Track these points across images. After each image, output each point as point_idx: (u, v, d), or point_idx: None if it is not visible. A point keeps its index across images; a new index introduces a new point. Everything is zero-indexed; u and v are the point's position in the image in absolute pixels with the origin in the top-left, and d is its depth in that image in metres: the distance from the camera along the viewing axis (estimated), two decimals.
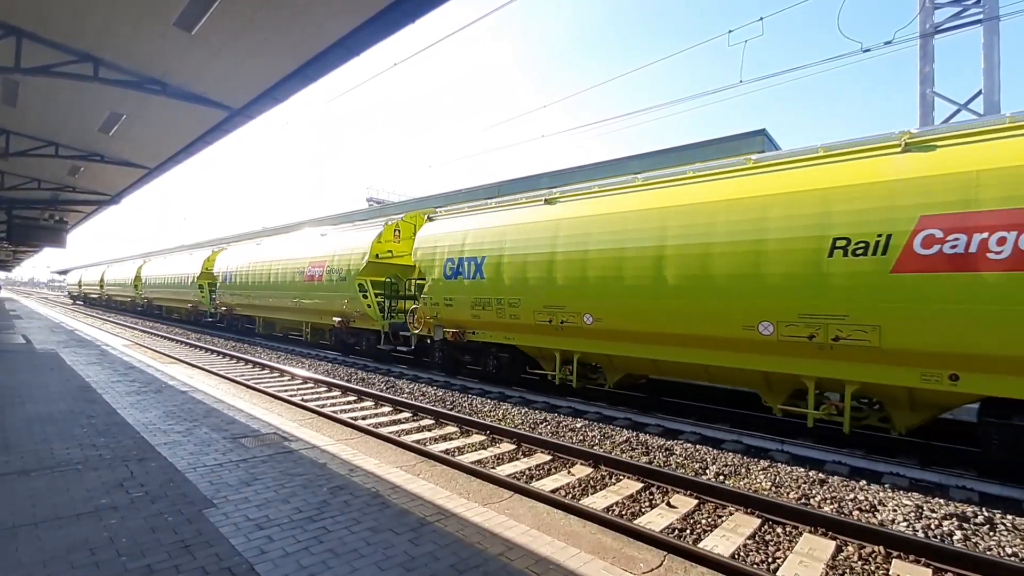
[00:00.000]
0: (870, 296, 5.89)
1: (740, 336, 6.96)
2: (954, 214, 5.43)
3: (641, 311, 8.02)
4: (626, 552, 3.29)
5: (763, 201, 6.88)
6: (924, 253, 5.56)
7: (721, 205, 7.30)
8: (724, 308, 7.07)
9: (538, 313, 9.50)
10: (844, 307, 6.08)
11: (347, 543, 3.23)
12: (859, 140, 6.54)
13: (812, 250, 6.32)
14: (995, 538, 4.32)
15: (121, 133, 8.88)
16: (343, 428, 6.44)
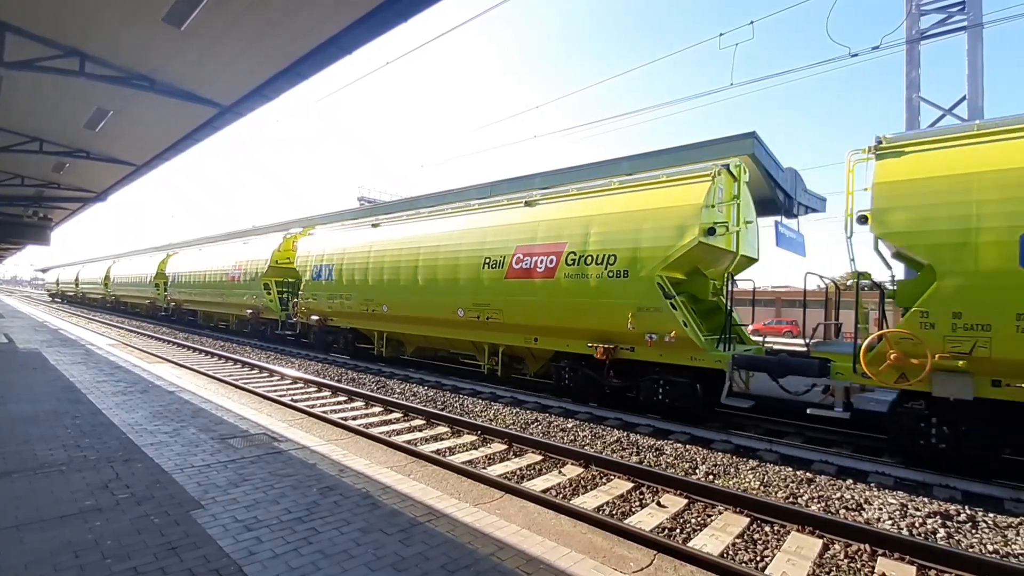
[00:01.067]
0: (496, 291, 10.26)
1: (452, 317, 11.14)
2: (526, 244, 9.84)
3: (408, 302, 12.34)
4: (616, 551, 3.30)
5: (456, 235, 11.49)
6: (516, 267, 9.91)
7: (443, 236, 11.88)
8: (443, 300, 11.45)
9: (361, 304, 13.67)
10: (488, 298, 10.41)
11: (337, 544, 3.22)
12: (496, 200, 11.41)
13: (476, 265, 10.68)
14: (977, 535, 4.40)
15: (107, 130, 8.74)
16: (333, 428, 6.40)
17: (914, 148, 6.45)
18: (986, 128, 6.11)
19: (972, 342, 5.62)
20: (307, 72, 5.98)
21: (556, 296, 9.30)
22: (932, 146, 6.34)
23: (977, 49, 10.21)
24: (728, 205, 8.58)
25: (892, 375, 6.15)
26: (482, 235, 10.94)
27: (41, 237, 18.06)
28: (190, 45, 5.70)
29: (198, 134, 8.71)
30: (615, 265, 8.57)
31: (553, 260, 9.40)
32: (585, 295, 8.90)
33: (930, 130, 6.92)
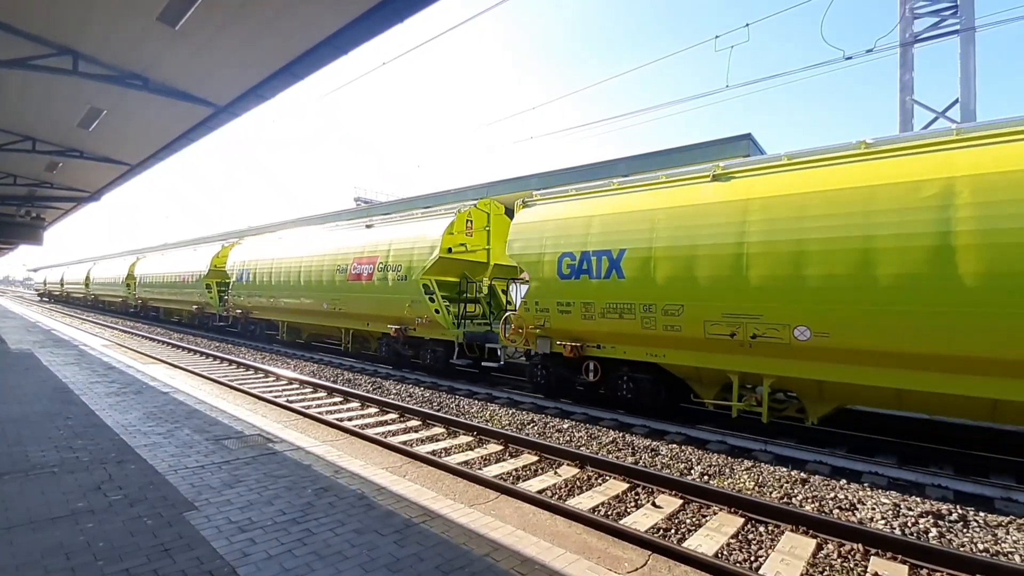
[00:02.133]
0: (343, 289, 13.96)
1: (320, 309, 15.30)
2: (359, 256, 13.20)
3: (295, 297, 15.67)
4: (611, 552, 3.31)
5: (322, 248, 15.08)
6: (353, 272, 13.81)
7: (315, 248, 16.06)
8: (316, 296, 15.67)
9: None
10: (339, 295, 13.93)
11: (332, 545, 3.21)
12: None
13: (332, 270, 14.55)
14: (968, 535, 4.43)
15: (101, 129, 8.68)
16: (328, 429, 6.39)
17: (539, 201, 10.23)
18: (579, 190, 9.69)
19: (543, 319, 9.35)
20: (303, 72, 5.95)
21: (373, 293, 13.18)
22: (544, 201, 10.15)
23: (969, 52, 10.28)
24: (479, 232, 12.79)
25: (519, 339, 10.02)
26: (337, 248, 15.01)
27: (34, 237, 17.93)
28: (184, 44, 5.66)
29: (193, 134, 8.65)
30: (401, 271, 12.41)
31: (371, 267, 13.34)
32: (386, 292, 12.73)
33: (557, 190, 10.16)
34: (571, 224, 9.14)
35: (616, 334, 8.42)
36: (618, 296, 8.22)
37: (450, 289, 12.61)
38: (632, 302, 8.06)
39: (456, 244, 12.17)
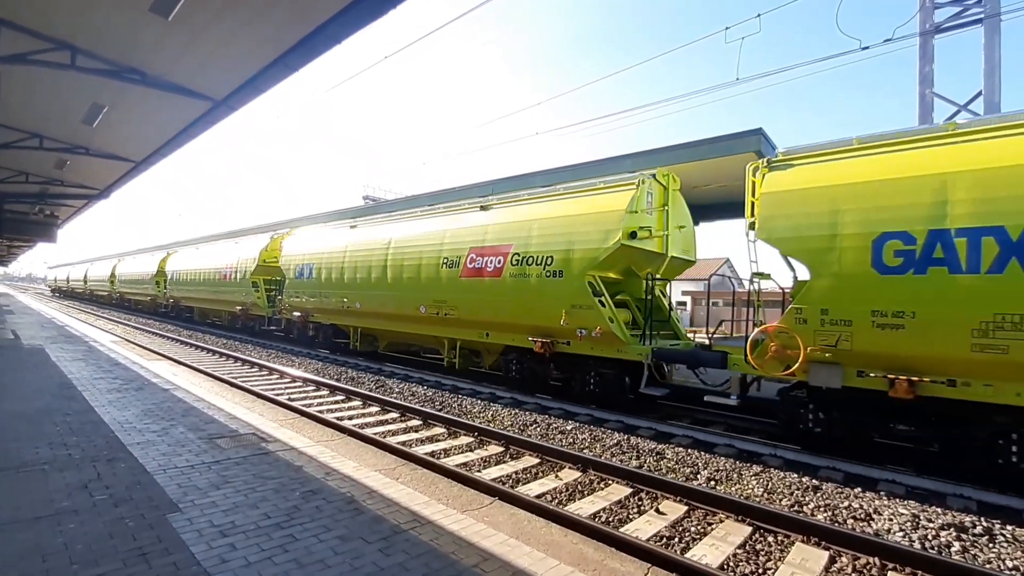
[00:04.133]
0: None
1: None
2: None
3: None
4: (608, 564, 3.13)
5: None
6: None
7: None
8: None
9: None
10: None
11: (314, 552, 3.07)
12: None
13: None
14: (995, 550, 4.17)
15: (104, 125, 8.69)
16: (325, 429, 6.27)
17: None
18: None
19: (836, 336, 6.22)
20: (297, 63, 5.85)
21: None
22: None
23: (994, 42, 9.87)
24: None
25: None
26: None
27: (48, 234, 18.16)
28: (178, 36, 5.59)
29: (194, 129, 8.62)
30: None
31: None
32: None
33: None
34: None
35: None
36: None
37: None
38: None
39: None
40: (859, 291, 6.03)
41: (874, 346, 6.01)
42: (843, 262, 6.16)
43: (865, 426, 6.53)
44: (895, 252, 5.88)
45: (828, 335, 6.29)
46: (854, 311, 6.09)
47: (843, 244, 6.18)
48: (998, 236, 5.24)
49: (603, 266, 9.01)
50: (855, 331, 6.09)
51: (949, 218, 5.56)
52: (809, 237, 6.49)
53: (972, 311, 5.34)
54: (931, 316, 5.60)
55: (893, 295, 5.81)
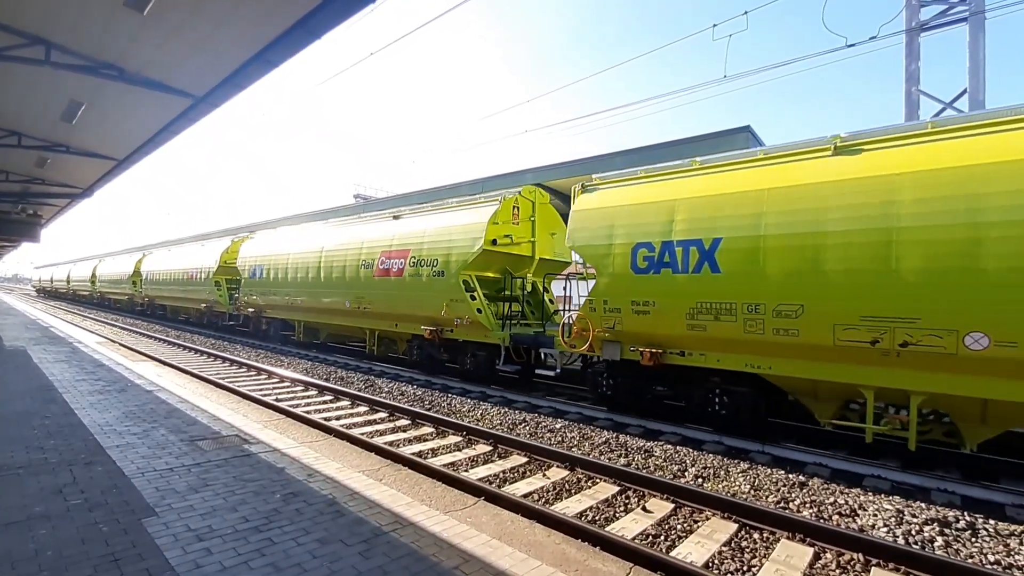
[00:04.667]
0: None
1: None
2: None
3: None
4: (590, 564, 3.10)
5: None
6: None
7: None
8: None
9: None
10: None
11: (292, 556, 3.02)
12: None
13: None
14: (977, 544, 4.19)
15: (84, 122, 8.52)
16: (310, 429, 6.21)
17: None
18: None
19: (613, 320, 8.06)
20: (277, 59, 5.76)
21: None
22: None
23: (979, 40, 9.95)
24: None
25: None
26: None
27: (32, 234, 17.85)
28: (154, 31, 5.47)
29: (175, 126, 8.48)
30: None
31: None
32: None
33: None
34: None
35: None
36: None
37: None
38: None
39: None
40: (624, 286, 7.91)
41: (634, 327, 7.90)
42: (615, 265, 8.01)
43: (638, 388, 8.55)
44: (644, 257, 7.71)
45: (609, 320, 8.14)
46: (622, 301, 7.93)
47: (615, 252, 8.05)
48: (698, 246, 7.18)
49: (475, 267, 10.79)
50: (623, 317, 7.96)
51: (673, 233, 7.45)
52: (594, 245, 8.39)
53: (685, 300, 7.26)
54: (664, 304, 7.52)
55: (643, 289, 7.69)
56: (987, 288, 5.20)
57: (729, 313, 6.82)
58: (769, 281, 6.53)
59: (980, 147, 5.55)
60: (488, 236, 10.37)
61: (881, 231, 5.80)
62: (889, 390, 6.03)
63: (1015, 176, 5.22)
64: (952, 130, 5.88)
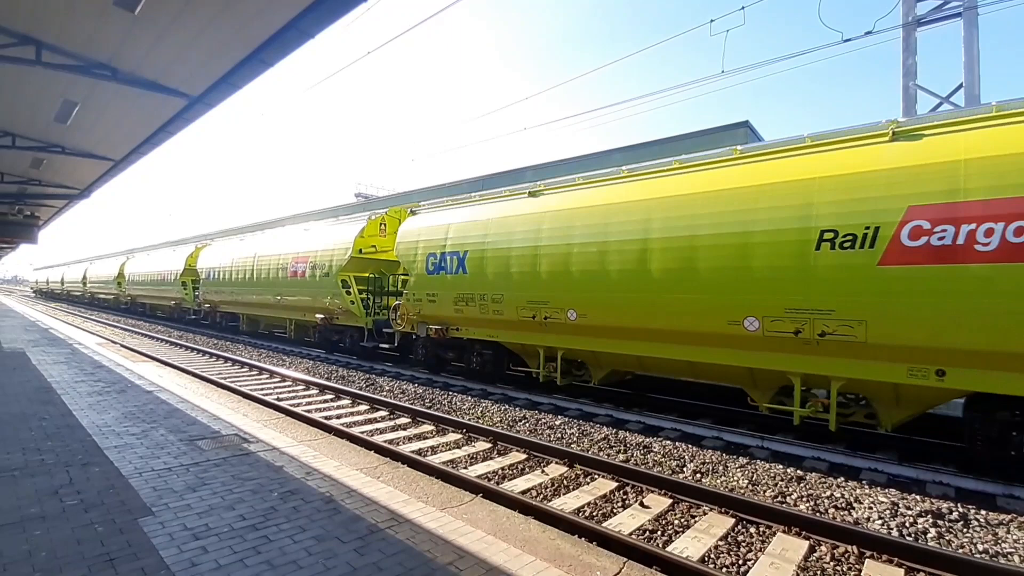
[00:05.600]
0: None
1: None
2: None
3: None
4: (584, 559, 3.11)
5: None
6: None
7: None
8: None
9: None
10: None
11: (287, 553, 3.03)
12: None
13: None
14: (968, 535, 4.22)
15: (79, 123, 8.51)
16: (309, 428, 6.21)
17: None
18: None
19: (419, 308, 11.30)
20: (271, 59, 5.74)
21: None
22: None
23: (973, 35, 9.93)
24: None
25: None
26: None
27: (29, 236, 17.84)
28: (146, 30, 5.46)
29: (171, 126, 8.47)
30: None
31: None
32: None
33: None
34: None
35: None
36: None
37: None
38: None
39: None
40: (422, 283, 11.25)
41: (429, 312, 11.08)
42: (417, 269, 11.33)
43: (439, 354, 11.84)
44: (431, 263, 10.96)
45: (417, 307, 11.34)
46: (421, 294, 11.20)
47: (418, 259, 11.38)
48: (459, 255, 10.45)
49: (350, 269, 14.01)
50: (423, 305, 11.16)
51: (448, 246, 10.76)
52: (406, 256, 11.72)
53: (453, 292, 10.50)
54: (442, 296, 10.78)
55: (432, 285, 11.01)
56: None
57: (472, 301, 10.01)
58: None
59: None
60: (356, 246, 13.87)
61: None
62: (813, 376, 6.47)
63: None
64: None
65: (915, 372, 5.61)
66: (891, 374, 5.76)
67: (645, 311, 7.56)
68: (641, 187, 7.97)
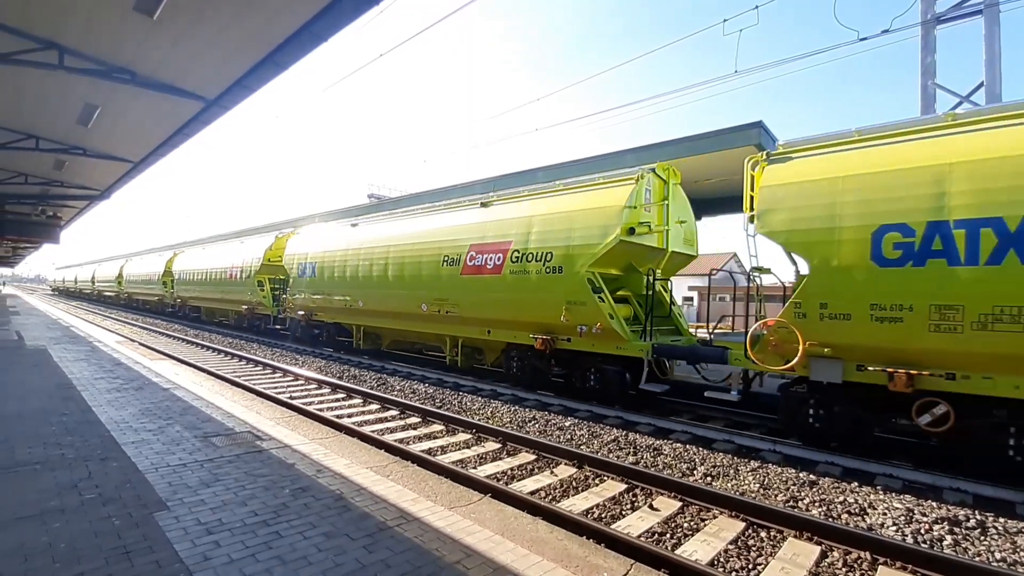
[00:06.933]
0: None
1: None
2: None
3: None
4: (591, 560, 3.11)
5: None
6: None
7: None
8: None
9: (340, 300, 14.68)
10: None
11: (297, 549, 3.07)
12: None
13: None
14: (985, 543, 4.13)
15: (99, 125, 8.74)
16: (320, 426, 6.28)
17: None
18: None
19: (835, 330, 6.23)
20: (285, 62, 5.85)
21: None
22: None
23: (994, 32, 9.73)
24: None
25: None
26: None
27: (51, 235, 18.30)
28: (164, 35, 5.60)
29: (188, 128, 8.66)
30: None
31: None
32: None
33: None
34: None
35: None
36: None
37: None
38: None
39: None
40: (296, 284, 15.75)
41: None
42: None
43: (308, 331, 16.83)
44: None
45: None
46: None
47: (295, 266, 16.84)
48: (313, 265, 16.04)
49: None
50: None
51: (308, 258, 16.36)
52: (288, 263, 15.06)
53: (310, 290, 16.15)
54: (305, 292, 16.59)
55: (299, 285, 16.29)
56: None
57: (319, 295, 8.56)
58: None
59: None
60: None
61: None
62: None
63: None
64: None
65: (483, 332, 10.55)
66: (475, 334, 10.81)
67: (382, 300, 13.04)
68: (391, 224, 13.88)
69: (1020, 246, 5.11)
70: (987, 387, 5.41)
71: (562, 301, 9.01)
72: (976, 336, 5.30)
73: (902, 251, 5.77)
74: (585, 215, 9.02)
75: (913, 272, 5.69)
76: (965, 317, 5.37)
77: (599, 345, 8.83)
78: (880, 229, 5.93)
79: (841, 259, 6.16)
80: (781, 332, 6.62)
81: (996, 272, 5.23)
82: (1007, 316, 5.17)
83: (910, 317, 5.68)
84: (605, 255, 8.68)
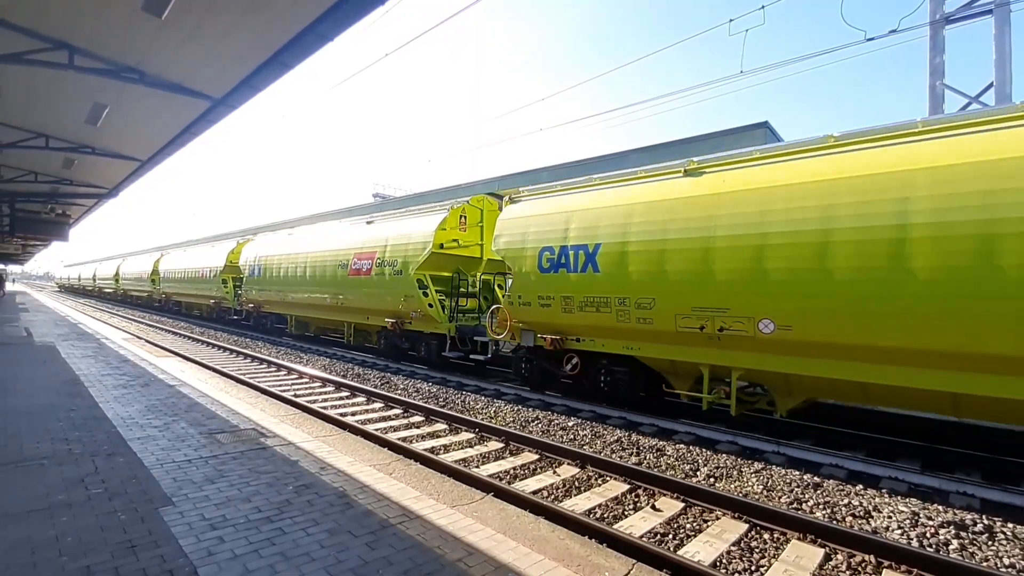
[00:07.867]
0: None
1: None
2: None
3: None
4: (593, 560, 3.11)
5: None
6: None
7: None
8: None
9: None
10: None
11: (301, 546, 3.09)
12: None
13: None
14: (993, 548, 4.09)
15: (108, 124, 8.83)
16: (325, 424, 6.30)
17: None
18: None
19: (525, 312, 9.52)
20: (291, 62, 5.89)
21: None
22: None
23: (1005, 31, 9.64)
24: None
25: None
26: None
27: (60, 233, 18.47)
28: (172, 35, 5.64)
29: (195, 128, 8.73)
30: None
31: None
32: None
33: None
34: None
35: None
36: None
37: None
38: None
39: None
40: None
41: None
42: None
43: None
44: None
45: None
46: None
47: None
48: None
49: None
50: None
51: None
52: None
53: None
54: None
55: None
56: None
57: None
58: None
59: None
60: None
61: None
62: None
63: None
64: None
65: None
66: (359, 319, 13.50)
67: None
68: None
69: (594, 262, 8.35)
70: (595, 346, 8.77)
71: (402, 295, 12.42)
72: (581, 315, 8.57)
73: (551, 263, 8.99)
74: (415, 234, 12.49)
75: (555, 276, 8.94)
76: (575, 303, 8.64)
77: (425, 325, 12.36)
78: (543, 249, 9.14)
79: (525, 267, 9.39)
80: (502, 313, 10.06)
81: (586, 276, 8.49)
82: (590, 304, 8.44)
83: (554, 303, 8.96)
84: (429, 262, 12.11)
